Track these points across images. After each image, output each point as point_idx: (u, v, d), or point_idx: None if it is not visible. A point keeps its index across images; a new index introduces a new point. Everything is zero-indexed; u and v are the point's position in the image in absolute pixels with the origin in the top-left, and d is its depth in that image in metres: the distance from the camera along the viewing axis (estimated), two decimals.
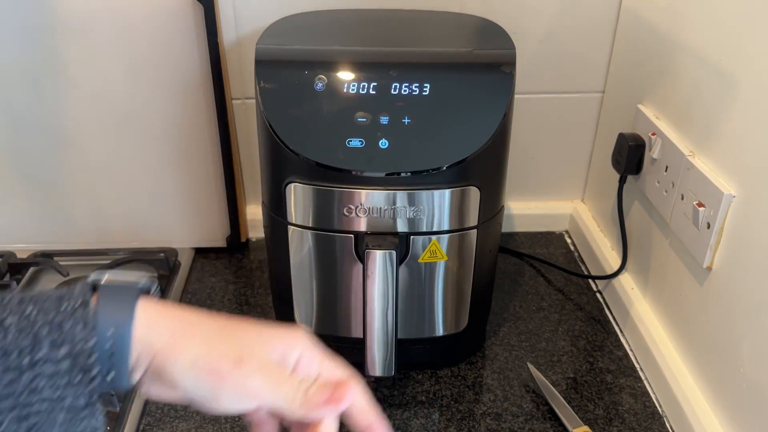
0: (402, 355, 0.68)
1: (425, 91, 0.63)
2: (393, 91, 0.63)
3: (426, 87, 0.63)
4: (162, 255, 0.89)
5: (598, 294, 0.89)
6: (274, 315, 0.83)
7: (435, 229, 0.66)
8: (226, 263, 0.94)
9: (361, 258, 0.66)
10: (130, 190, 0.90)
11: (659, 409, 0.71)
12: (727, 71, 0.62)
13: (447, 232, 0.66)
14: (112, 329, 0.37)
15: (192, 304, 0.86)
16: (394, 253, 0.63)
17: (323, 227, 0.66)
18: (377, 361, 0.66)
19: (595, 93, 0.93)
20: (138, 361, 0.38)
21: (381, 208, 0.64)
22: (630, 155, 0.77)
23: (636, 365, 0.77)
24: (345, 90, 0.63)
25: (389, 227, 0.65)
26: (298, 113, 0.63)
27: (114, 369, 0.37)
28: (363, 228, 0.65)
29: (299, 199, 0.65)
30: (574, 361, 0.78)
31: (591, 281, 0.91)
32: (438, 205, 0.64)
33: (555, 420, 0.70)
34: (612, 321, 0.84)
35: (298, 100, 0.63)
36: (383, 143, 0.62)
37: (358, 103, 0.63)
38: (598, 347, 0.80)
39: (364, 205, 0.64)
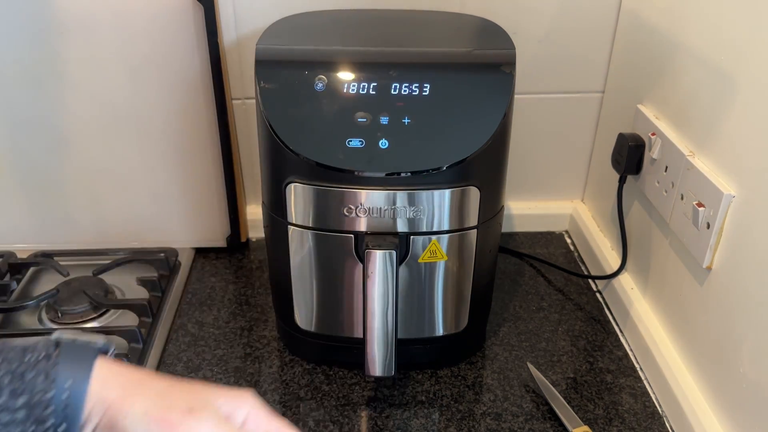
0: (402, 355, 0.68)
1: (425, 91, 0.63)
2: (393, 91, 0.63)
3: (426, 87, 0.63)
4: (162, 255, 0.89)
5: (597, 294, 0.89)
6: (274, 315, 0.83)
7: (435, 229, 0.66)
8: (226, 263, 0.94)
9: (361, 258, 0.66)
10: (130, 190, 0.90)
11: (659, 409, 0.71)
12: (727, 71, 0.62)
13: (447, 232, 0.66)
14: (69, 381, 0.38)
15: (192, 304, 0.86)
16: (394, 253, 0.63)
17: (323, 227, 0.66)
18: (377, 361, 0.66)
19: (595, 93, 0.93)
20: (90, 415, 0.39)
21: (381, 208, 0.64)
22: (630, 155, 0.77)
23: (636, 365, 0.77)
24: (345, 90, 0.63)
25: (389, 227, 0.65)
26: (298, 113, 0.63)
27: (66, 422, 0.38)
28: (363, 228, 0.65)
29: (299, 199, 0.65)
30: (574, 361, 0.78)
31: (591, 281, 0.91)
32: (438, 205, 0.64)
33: (555, 420, 0.70)
34: (612, 321, 0.84)
35: (298, 100, 0.63)
36: (383, 143, 0.62)
37: (358, 103, 0.63)
38: (598, 347, 0.80)
39: (364, 205, 0.64)
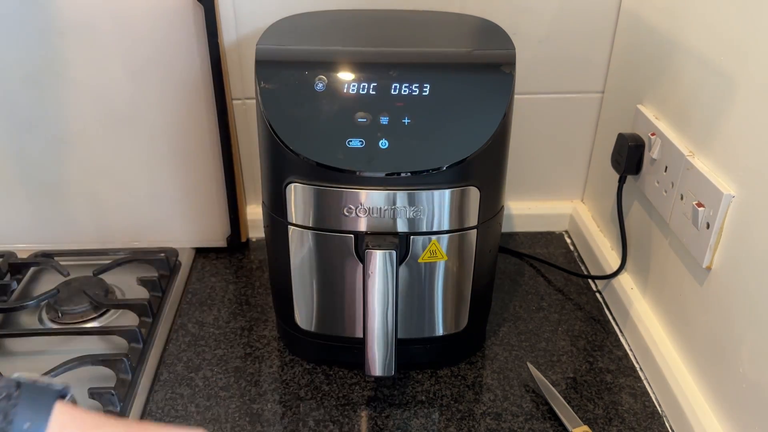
0: (402, 355, 0.68)
1: (425, 92, 0.63)
2: (393, 92, 0.63)
3: (426, 87, 0.63)
4: (162, 255, 0.89)
5: (597, 294, 0.89)
6: (274, 315, 0.83)
7: (435, 229, 0.66)
8: (226, 263, 0.94)
9: (361, 258, 0.66)
10: (130, 190, 0.90)
11: (659, 409, 0.71)
12: (727, 71, 0.62)
13: (447, 232, 0.66)
14: (28, 423, 0.39)
15: (192, 303, 0.86)
16: (394, 253, 0.63)
17: (323, 227, 0.66)
18: (377, 361, 0.66)
19: (595, 93, 0.93)
20: None
21: (381, 208, 0.64)
22: (630, 155, 0.77)
23: (636, 365, 0.77)
24: (345, 90, 0.63)
25: (389, 227, 0.65)
26: (298, 113, 0.63)
27: None
28: (363, 228, 0.65)
29: (299, 199, 0.65)
30: (573, 361, 0.78)
31: (591, 281, 0.91)
32: (438, 205, 0.64)
33: (555, 420, 0.70)
34: (612, 321, 0.84)
35: (298, 100, 0.63)
36: (383, 143, 0.62)
37: (358, 104, 0.63)
38: (597, 347, 0.80)
39: (364, 205, 0.64)
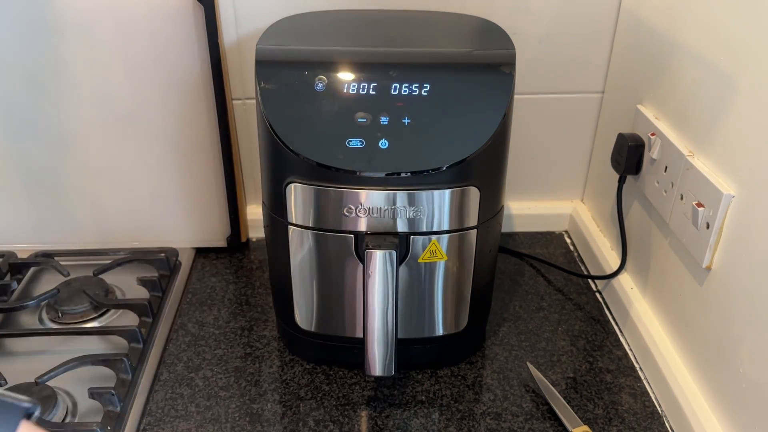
0: (402, 355, 0.68)
1: (425, 92, 0.63)
2: (393, 92, 0.63)
3: (426, 87, 0.63)
4: (162, 255, 0.89)
5: (597, 294, 0.89)
6: (274, 315, 0.83)
7: (435, 229, 0.66)
8: (226, 263, 0.94)
9: (361, 258, 0.66)
10: (130, 190, 0.90)
11: (659, 409, 0.71)
12: (726, 71, 0.62)
13: (447, 232, 0.66)
14: None
15: (192, 303, 0.86)
16: (394, 253, 0.63)
17: (323, 227, 0.66)
18: (377, 361, 0.66)
19: (595, 93, 0.93)
20: None
21: (381, 208, 0.64)
22: (629, 155, 0.77)
23: (635, 365, 0.77)
24: (345, 90, 0.63)
25: (389, 227, 0.65)
26: (298, 113, 0.63)
27: None
28: (363, 228, 0.65)
29: (299, 199, 0.65)
30: (573, 361, 0.78)
31: (590, 281, 0.91)
32: (438, 205, 0.65)
33: (555, 420, 0.70)
34: (611, 321, 0.84)
35: (298, 100, 0.63)
36: (383, 143, 0.62)
37: (358, 104, 0.63)
38: (597, 347, 0.80)
39: (364, 205, 0.64)
